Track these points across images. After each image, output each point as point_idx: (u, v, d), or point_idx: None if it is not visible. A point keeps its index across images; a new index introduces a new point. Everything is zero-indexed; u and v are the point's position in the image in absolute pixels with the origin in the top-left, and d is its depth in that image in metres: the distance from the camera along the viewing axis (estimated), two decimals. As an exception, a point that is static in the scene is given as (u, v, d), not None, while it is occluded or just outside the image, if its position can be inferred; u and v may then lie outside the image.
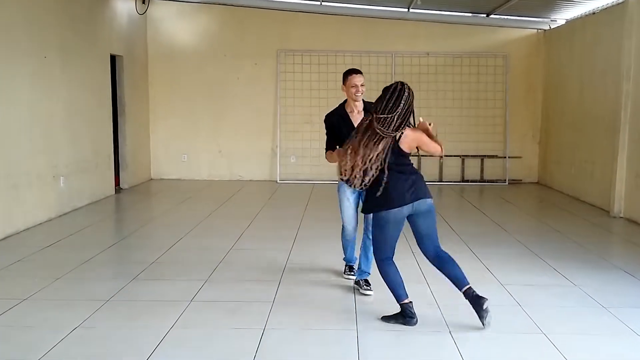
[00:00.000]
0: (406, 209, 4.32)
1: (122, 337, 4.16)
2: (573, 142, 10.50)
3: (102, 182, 9.70)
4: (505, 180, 12.09)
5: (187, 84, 12.00)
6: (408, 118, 4.21)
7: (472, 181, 12.11)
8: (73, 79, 8.66)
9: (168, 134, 12.09)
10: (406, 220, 4.45)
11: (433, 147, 4.39)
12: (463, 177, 12.14)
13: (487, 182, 12.09)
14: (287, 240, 6.99)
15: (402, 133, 4.24)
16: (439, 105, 11.95)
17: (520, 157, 12.23)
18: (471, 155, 12.10)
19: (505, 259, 6.28)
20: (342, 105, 5.12)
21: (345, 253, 5.57)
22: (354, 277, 5.33)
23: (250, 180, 12.10)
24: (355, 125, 4.64)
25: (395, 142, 4.24)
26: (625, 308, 4.82)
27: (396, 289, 4.43)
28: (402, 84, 4.24)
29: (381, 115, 4.16)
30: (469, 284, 4.36)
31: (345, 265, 5.59)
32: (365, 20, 11.80)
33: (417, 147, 4.38)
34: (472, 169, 12.17)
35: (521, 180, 12.24)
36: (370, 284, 5.12)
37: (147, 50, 11.87)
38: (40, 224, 7.69)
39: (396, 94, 4.17)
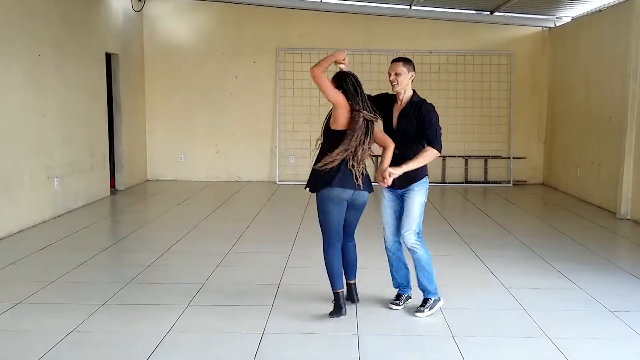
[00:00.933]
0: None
1: (117, 342, 4.16)
2: (579, 142, 10.51)
3: (97, 183, 9.70)
4: (510, 181, 12.10)
5: (184, 82, 12.00)
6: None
7: (475, 182, 12.12)
8: (67, 78, 8.67)
9: (164, 134, 12.10)
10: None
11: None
12: (466, 178, 12.14)
13: (491, 183, 12.09)
14: (287, 242, 6.99)
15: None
16: (442, 104, 11.84)
17: (525, 158, 12.23)
18: (475, 156, 12.10)
19: (510, 262, 6.29)
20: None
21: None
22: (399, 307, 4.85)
23: (248, 182, 12.11)
24: (395, 116, 4.63)
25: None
26: (632, 312, 4.82)
27: (332, 276, 4.58)
28: (341, 73, 4.55)
29: (364, 107, 4.45)
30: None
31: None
32: (366, 17, 11.81)
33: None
34: (476, 170, 12.18)
35: (526, 181, 12.24)
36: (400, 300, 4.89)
37: (144, 48, 11.88)
38: (34, 226, 7.69)
39: (351, 82, 4.48)
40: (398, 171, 4.41)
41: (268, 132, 12.14)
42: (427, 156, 4.47)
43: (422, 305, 4.70)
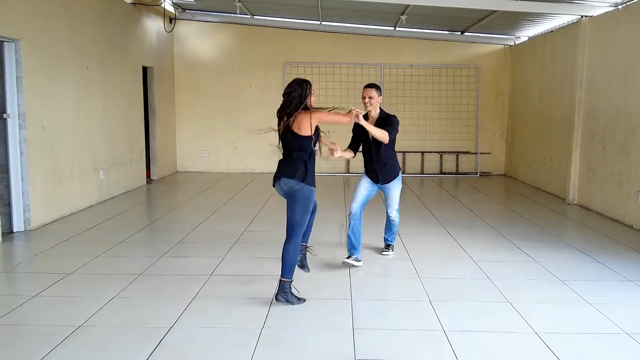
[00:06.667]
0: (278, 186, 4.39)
1: (153, 305, 4.14)
2: (534, 140, 10.47)
3: (135, 174, 9.66)
4: (477, 172, 12.07)
5: (207, 91, 11.94)
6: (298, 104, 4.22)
7: (448, 173, 12.08)
8: (110, 87, 8.61)
9: (191, 133, 12.05)
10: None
11: (335, 119, 4.25)
12: (441, 170, 12.10)
13: (462, 174, 12.06)
14: (292, 223, 6.95)
15: (294, 117, 4.29)
16: (421, 109, 11.92)
17: (489, 153, 12.20)
18: (448, 152, 12.07)
19: (477, 240, 6.26)
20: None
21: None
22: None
23: (260, 173, 12.07)
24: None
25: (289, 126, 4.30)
26: (579, 281, 4.81)
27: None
28: (297, 81, 4.25)
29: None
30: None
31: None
32: (358, 37, 11.74)
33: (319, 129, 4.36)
34: (449, 163, 12.14)
35: (490, 172, 12.21)
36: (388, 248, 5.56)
37: (174, 62, 11.81)
38: (83, 209, 7.67)
39: (293, 88, 4.23)
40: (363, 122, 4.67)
41: (277, 132, 12.05)
42: (381, 131, 4.82)
43: (387, 248, 5.56)
